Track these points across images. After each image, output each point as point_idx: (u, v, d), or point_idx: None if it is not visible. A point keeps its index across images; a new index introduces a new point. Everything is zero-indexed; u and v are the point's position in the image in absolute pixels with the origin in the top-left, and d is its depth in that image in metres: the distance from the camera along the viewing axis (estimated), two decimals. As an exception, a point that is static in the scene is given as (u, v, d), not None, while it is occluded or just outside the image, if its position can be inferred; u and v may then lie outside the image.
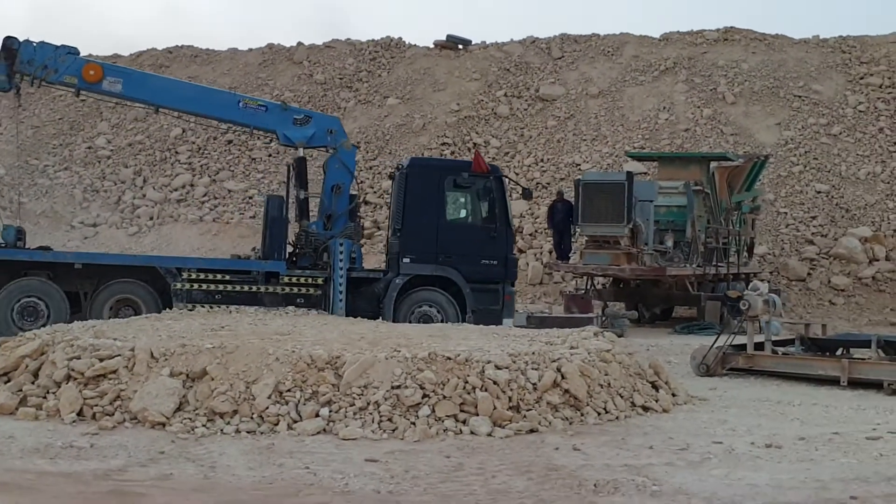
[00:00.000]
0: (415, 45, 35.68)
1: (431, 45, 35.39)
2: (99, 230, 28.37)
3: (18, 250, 14.88)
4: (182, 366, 8.49)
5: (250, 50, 35.80)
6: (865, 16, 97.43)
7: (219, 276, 14.71)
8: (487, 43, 35.40)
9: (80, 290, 14.43)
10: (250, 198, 29.07)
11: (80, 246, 27.65)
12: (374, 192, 28.73)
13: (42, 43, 15.60)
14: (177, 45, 36.84)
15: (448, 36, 35.24)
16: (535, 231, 26.26)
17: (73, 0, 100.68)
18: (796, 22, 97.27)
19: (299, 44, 35.64)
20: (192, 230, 27.77)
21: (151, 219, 28.78)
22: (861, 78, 30.82)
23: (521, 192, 16.84)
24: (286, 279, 14.76)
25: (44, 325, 12.14)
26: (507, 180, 15.84)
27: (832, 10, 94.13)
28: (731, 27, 34.03)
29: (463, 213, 15.76)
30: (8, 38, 15.22)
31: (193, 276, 14.56)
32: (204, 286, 14.53)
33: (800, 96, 30.37)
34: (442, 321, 14.41)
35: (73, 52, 15.70)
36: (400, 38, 35.91)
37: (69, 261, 14.98)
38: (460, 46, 35.12)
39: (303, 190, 16.18)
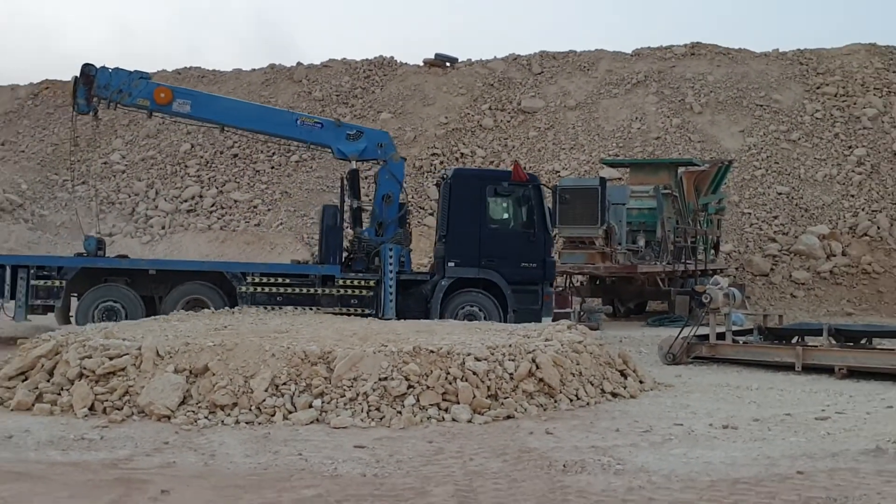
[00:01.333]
0: (406, 63, 35.68)
1: (421, 64, 35.41)
2: (115, 239, 28.28)
3: (100, 258, 15.13)
4: (185, 363, 8.54)
5: (253, 70, 35.78)
6: (821, 30, 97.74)
7: (279, 280, 14.80)
8: (473, 60, 35.43)
9: (154, 294, 14.57)
10: (255, 207, 29.09)
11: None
12: (369, 200, 28.66)
13: (117, 69, 15.81)
14: (185, 67, 36.83)
15: (436, 54, 35.30)
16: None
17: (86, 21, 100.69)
18: (757, 36, 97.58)
19: (299, 63, 35.65)
20: (201, 238, 27.76)
21: (163, 228, 28.76)
22: (818, 88, 30.94)
23: (560, 199, 16.89)
24: (341, 282, 14.84)
25: None
26: (544, 188, 15.84)
27: (791, 25, 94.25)
28: (698, 42, 34.14)
29: (503, 220, 15.66)
30: (86, 66, 15.43)
31: (257, 279, 14.68)
32: (266, 289, 14.64)
33: (761, 105, 30.49)
34: (486, 320, 14.45)
35: (145, 76, 15.94)
36: (392, 58, 35.90)
37: (144, 267, 15.26)
38: (448, 64, 35.15)
39: (356, 199, 16.33)
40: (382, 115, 32.09)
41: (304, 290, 14.73)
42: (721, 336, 12.69)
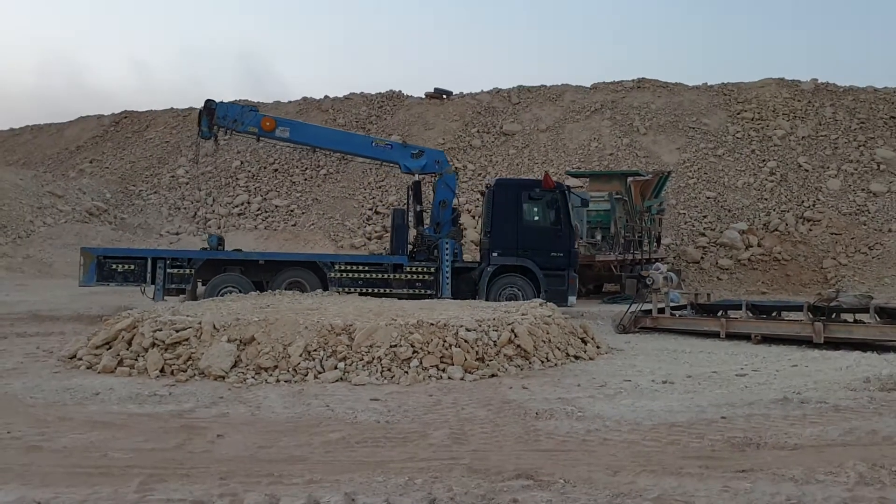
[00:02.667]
0: (411, 95, 35.60)
1: (423, 96, 35.34)
2: (180, 237, 28.21)
3: (220, 252, 15.35)
4: (236, 334, 8.51)
5: (289, 101, 35.71)
6: (741, 67, 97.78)
7: (360, 268, 14.90)
8: (464, 93, 35.35)
9: (262, 280, 14.66)
10: (291, 211, 29.00)
11: (167, 249, 27.60)
12: (383, 205, 28.67)
13: (232, 103, 16.24)
14: (234, 100, 36.65)
15: (435, 88, 35.22)
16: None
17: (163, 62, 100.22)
18: (690, 72, 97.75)
19: (325, 96, 35.60)
20: (249, 236, 27.64)
21: (219, 228, 28.62)
22: (738, 113, 30.85)
23: (580, 201, 16.84)
24: (408, 269, 14.93)
25: None
26: (568, 193, 15.80)
27: (716, 63, 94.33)
28: (643, 78, 34.01)
29: (536, 218, 15.56)
30: (209, 101, 15.70)
31: (343, 267, 14.77)
32: (350, 275, 14.75)
33: (693, 128, 30.40)
34: (524, 298, 14.34)
35: (254, 109, 16.16)
36: (400, 91, 35.81)
37: (255, 258, 15.38)
38: (444, 96, 35.05)
39: (418, 205, 16.45)
40: (392, 137, 31.92)
41: (379, 276, 14.85)
42: (661, 311, 12.66)
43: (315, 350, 8.33)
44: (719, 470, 5.04)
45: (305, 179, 30.41)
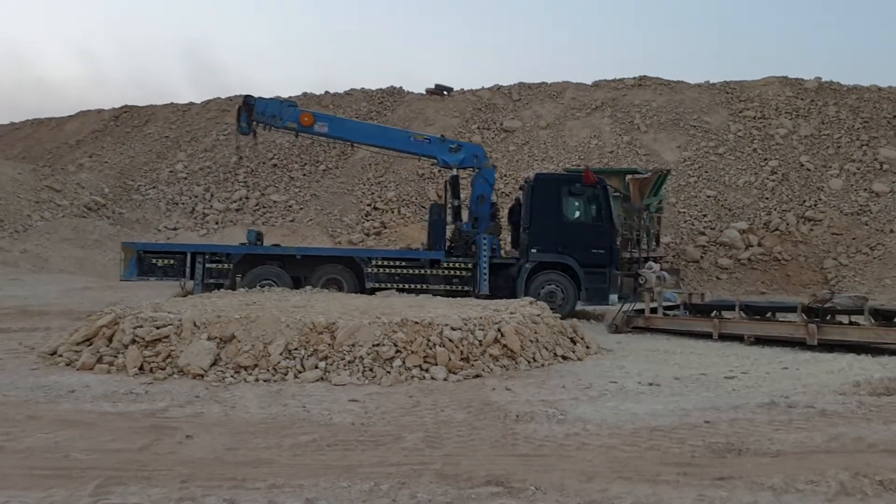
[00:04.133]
0: (411, 91, 35.39)
1: (424, 92, 35.13)
2: (178, 232, 28.09)
3: (258, 247, 15.46)
4: (217, 331, 8.37)
5: (290, 96, 35.41)
6: (744, 65, 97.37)
7: (397, 263, 14.77)
8: (465, 90, 35.10)
9: (300, 274, 14.65)
10: (289, 207, 28.84)
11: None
12: (382, 200, 28.51)
13: (271, 99, 16.05)
14: (235, 95, 36.49)
15: (436, 85, 34.97)
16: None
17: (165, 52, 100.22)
18: (692, 70, 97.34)
19: (326, 92, 35.38)
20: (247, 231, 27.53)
21: (217, 223, 28.50)
22: (740, 112, 30.60)
23: (622, 198, 16.60)
24: (445, 265, 14.79)
25: None
26: (610, 188, 15.59)
27: (719, 60, 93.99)
28: (644, 75, 33.76)
29: (577, 214, 15.35)
30: (247, 97, 15.70)
31: (379, 262, 14.66)
32: (387, 270, 14.63)
33: (694, 126, 30.16)
34: (563, 296, 14.32)
35: (292, 104, 16.09)
36: (401, 87, 35.62)
37: (292, 253, 15.31)
38: (445, 93, 34.84)
39: (456, 199, 16.17)
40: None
41: (416, 272, 14.70)
42: (654, 310, 12.51)
43: (296, 349, 8.18)
44: (697, 477, 4.89)
45: (304, 175, 30.24)
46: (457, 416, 6.54)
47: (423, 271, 14.69)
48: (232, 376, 7.86)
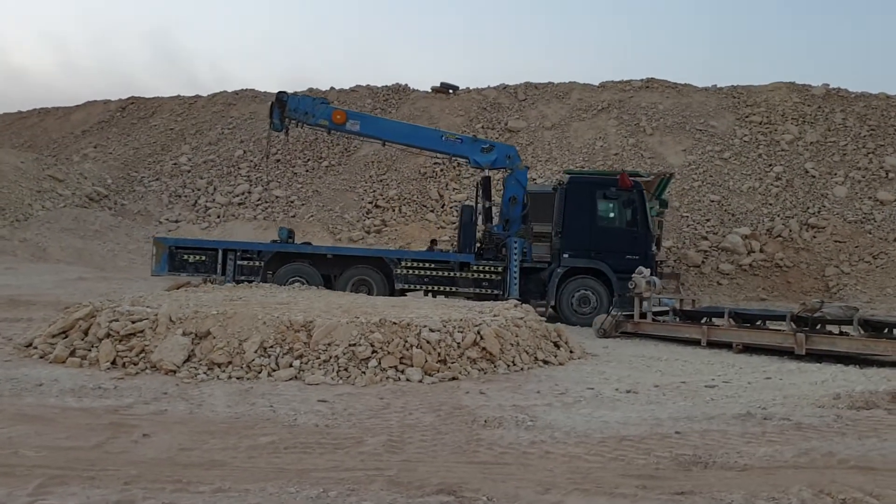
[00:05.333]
0: (417, 89, 35.28)
1: (429, 90, 35.01)
2: (180, 226, 28.08)
3: (290, 244, 15.53)
4: (192, 327, 8.28)
5: (295, 92, 35.36)
6: (751, 70, 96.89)
7: (426, 265, 14.73)
8: (470, 88, 34.99)
9: (330, 273, 14.71)
10: (291, 202, 28.78)
11: (166, 237, 27.42)
12: (383, 199, 28.42)
13: (303, 96, 16.31)
14: (242, 88, 36.53)
15: (441, 83, 34.86)
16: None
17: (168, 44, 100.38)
18: (700, 73, 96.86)
19: (331, 87, 35.30)
20: (248, 226, 27.50)
21: (219, 217, 28.49)
22: (746, 117, 30.39)
23: (658, 202, 16.43)
24: (475, 268, 14.72)
25: None
26: (646, 193, 15.40)
27: (727, 66, 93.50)
28: (652, 78, 33.56)
29: (611, 219, 15.19)
30: (280, 93, 15.86)
31: (409, 264, 14.66)
32: (416, 272, 14.60)
33: (700, 130, 29.95)
34: (597, 301, 14.19)
35: (325, 101, 16.23)
36: (406, 85, 35.51)
37: (323, 252, 15.46)
38: (450, 91, 34.71)
39: (487, 201, 16.10)
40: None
41: (446, 274, 14.68)
42: (643, 315, 12.36)
43: (271, 346, 8.08)
44: (656, 491, 4.74)
45: (307, 171, 30.19)
46: (424, 419, 6.41)
47: (452, 274, 14.66)
48: (205, 373, 7.77)
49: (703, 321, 12.01)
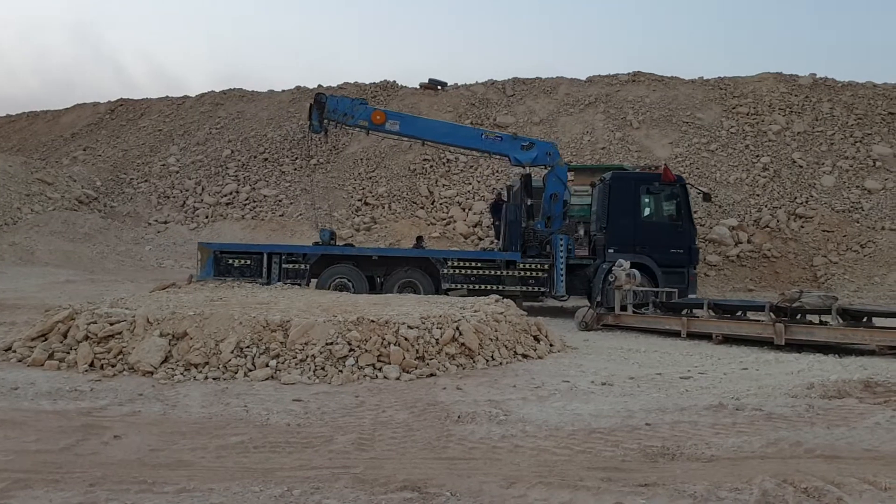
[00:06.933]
0: (405, 86, 35.23)
1: (417, 86, 34.97)
2: (168, 226, 28.06)
3: (332, 246, 15.60)
4: (169, 328, 8.28)
5: (283, 91, 35.38)
6: (738, 61, 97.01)
7: (472, 264, 14.77)
8: (458, 84, 34.95)
9: (374, 275, 14.82)
10: (280, 201, 28.74)
11: (155, 238, 27.43)
12: (373, 196, 28.40)
13: (342, 97, 16.26)
14: (230, 88, 36.45)
15: (430, 79, 34.77)
16: (480, 222, 26.12)
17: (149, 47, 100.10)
18: (686, 65, 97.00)
19: (319, 85, 35.19)
20: (237, 226, 27.47)
21: (207, 217, 28.44)
22: (733, 108, 30.40)
23: (702, 195, 16.42)
24: (521, 266, 14.76)
25: None
26: (689, 187, 15.39)
27: (713, 56, 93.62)
28: (638, 71, 33.56)
29: (655, 214, 15.22)
30: (319, 94, 15.82)
31: (455, 264, 14.69)
32: (462, 271, 14.63)
33: (687, 122, 29.96)
34: (643, 296, 14.06)
35: (363, 102, 16.20)
36: (394, 81, 35.46)
37: (368, 254, 15.57)
38: (439, 87, 34.63)
39: (529, 198, 16.07)
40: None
41: (492, 272, 14.71)
42: (624, 308, 12.39)
43: (248, 347, 8.08)
44: (620, 483, 4.76)
45: (295, 169, 30.14)
46: (398, 416, 6.43)
47: (498, 272, 14.70)
48: (182, 374, 7.77)
49: (683, 313, 12.04)
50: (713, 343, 10.80)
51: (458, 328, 8.81)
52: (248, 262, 14.54)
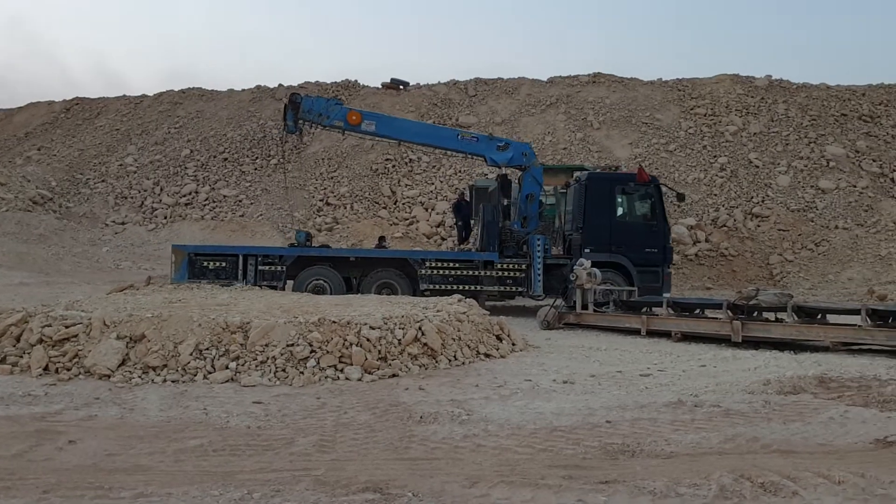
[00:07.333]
0: (367, 85, 35.10)
1: (380, 86, 34.80)
2: (126, 227, 27.60)
3: (309, 248, 15.50)
4: (127, 331, 8.13)
5: (243, 90, 34.98)
6: (696, 63, 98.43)
7: (451, 264, 14.75)
8: (421, 84, 34.91)
9: (351, 276, 14.68)
10: (240, 201, 28.41)
11: (112, 239, 26.96)
12: (335, 196, 28.24)
13: (317, 97, 16.13)
14: (189, 87, 35.95)
15: (392, 79, 34.51)
16: (443, 222, 26.15)
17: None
18: (646, 67, 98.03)
19: (280, 84, 34.90)
20: (196, 226, 27.11)
21: (166, 218, 28.02)
22: (691, 109, 30.81)
23: (676, 195, 16.47)
24: (499, 266, 14.78)
25: None
26: (663, 187, 15.53)
27: (672, 58, 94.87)
28: (599, 72, 33.84)
29: (630, 214, 15.30)
30: (294, 94, 15.64)
31: (433, 264, 14.65)
32: (440, 271, 14.61)
33: (646, 123, 30.31)
34: (619, 295, 14.17)
35: (339, 103, 16.13)
36: (356, 80, 35.29)
37: (345, 255, 15.49)
38: (401, 87, 34.37)
39: (505, 198, 16.09)
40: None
41: (470, 273, 14.71)
42: (585, 306, 12.49)
43: (207, 349, 7.97)
44: (581, 481, 4.79)
45: (255, 169, 29.84)
46: (359, 417, 6.39)
47: (476, 272, 14.70)
48: (139, 377, 7.64)
49: (642, 311, 12.17)
50: (672, 341, 10.94)
51: (420, 328, 8.79)
52: (224, 264, 14.41)
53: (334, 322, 8.44)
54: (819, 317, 10.60)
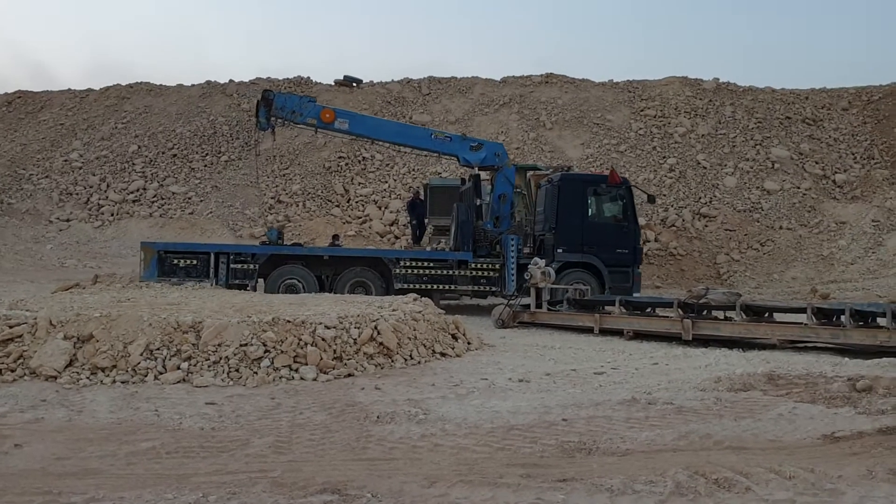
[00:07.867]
0: (320, 82, 34.81)
1: (332, 83, 34.54)
2: (71, 224, 26.93)
3: (281, 246, 15.35)
4: (74, 331, 7.93)
5: (193, 85, 34.39)
6: (646, 65, 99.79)
7: (425, 264, 14.68)
8: (374, 82, 34.75)
9: (324, 275, 14.50)
10: (189, 199, 27.94)
11: (56, 237, 26.29)
12: (287, 193, 27.97)
13: (290, 94, 16.10)
14: (137, 82, 35.19)
15: (344, 76, 34.30)
16: (396, 220, 26.12)
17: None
18: (597, 68, 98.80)
19: (230, 80, 34.41)
20: (144, 224, 26.58)
21: (112, 215, 27.40)
22: (641, 111, 31.26)
23: (646, 197, 16.53)
24: (473, 265, 14.76)
25: None
26: (634, 189, 15.64)
27: (623, 60, 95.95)
28: (551, 73, 34.12)
29: (601, 215, 15.36)
30: (266, 91, 15.45)
31: (408, 263, 14.56)
32: (415, 271, 14.52)
33: (598, 124, 30.66)
34: (591, 294, 14.14)
35: (312, 100, 15.85)
36: (308, 77, 34.99)
37: (318, 254, 15.30)
38: (354, 84, 34.19)
39: (478, 198, 16.04)
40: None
41: (444, 272, 14.68)
42: (539, 305, 12.58)
43: (158, 349, 7.81)
44: (539, 479, 4.82)
45: (205, 166, 29.36)
46: (315, 418, 6.33)
47: (450, 272, 14.71)
48: (88, 378, 7.46)
49: (595, 310, 12.30)
50: (625, 339, 11.08)
51: (376, 327, 8.75)
52: (195, 262, 14.20)
53: (289, 321, 8.35)
54: (766, 315, 10.84)
